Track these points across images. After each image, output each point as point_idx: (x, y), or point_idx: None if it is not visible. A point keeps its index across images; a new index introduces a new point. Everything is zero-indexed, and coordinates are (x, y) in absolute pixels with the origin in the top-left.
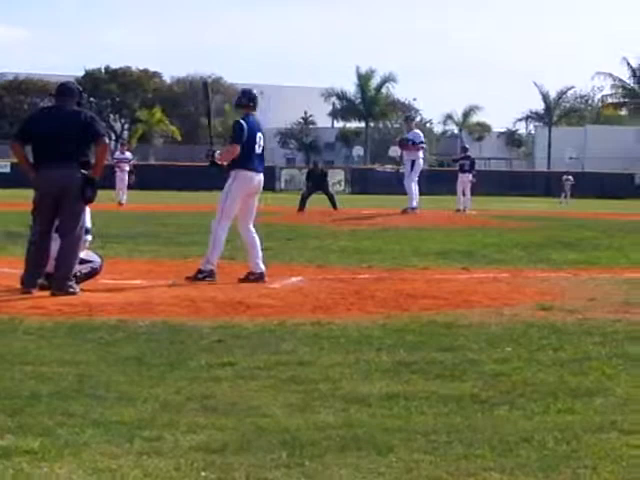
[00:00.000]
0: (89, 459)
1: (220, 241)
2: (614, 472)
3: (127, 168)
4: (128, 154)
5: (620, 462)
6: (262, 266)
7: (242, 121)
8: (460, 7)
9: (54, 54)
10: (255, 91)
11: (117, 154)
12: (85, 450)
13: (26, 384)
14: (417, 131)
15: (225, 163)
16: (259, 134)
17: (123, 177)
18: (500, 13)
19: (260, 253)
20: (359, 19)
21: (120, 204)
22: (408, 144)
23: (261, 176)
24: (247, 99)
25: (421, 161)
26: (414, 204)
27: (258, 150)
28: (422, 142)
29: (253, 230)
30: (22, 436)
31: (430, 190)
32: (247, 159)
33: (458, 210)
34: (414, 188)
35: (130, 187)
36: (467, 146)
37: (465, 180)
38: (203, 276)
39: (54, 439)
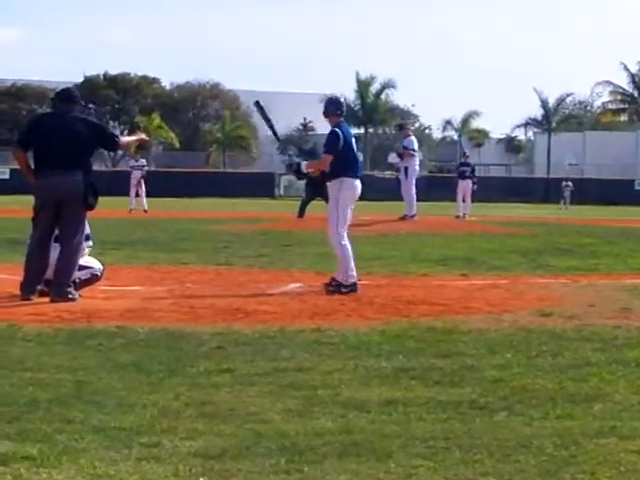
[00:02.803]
0: (88, 465)
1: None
2: (613, 477)
3: (142, 175)
4: (143, 161)
5: (619, 467)
6: (355, 275)
7: (338, 130)
8: (460, 14)
9: (52, 60)
10: (342, 99)
11: (132, 162)
12: (84, 456)
13: (25, 390)
14: (412, 138)
15: (312, 171)
16: (353, 139)
17: (141, 184)
18: (499, 20)
19: (353, 263)
20: (358, 25)
21: (143, 210)
22: (405, 151)
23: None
24: (336, 107)
25: (417, 167)
26: (413, 211)
27: (356, 156)
28: (413, 149)
29: (345, 239)
30: (21, 442)
31: (429, 196)
32: (350, 166)
33: (458, 216)
34: (413, 195)
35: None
36: (467, 153)
37: (465, 186)
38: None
39: (53, 445)
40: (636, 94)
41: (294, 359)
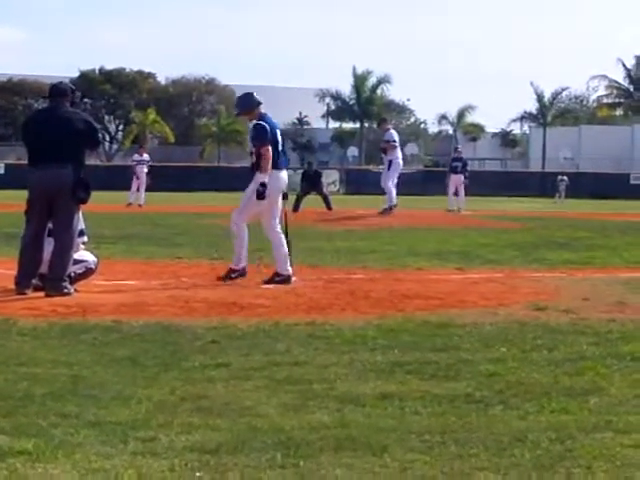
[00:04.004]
0: (83, 459)
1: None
2: (608, 472)
3: (145, 170)
4: (146, 156)
5: (614, 462)
6: (289, 268)
7: (263, 122)
8: (456, 8)
9: (48, 55)
10: (255, 93)
11: (136, 156)
12: (79, 451)
13: (20, 385)
14: (392, 131)
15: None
16: (278, 130)
17: (141, 179)
18: (495, 14)
19: (287, 253)
20: (354, 20)
21: (137, 205)
22: (387, 144)
23: (286, 173)
24: (250, 102)
25: (400, 161)
26: (394, 202)
27: (280, 148)
28: (394, 141)
29: (279, 230)
30: (16, 437)
31: (425, 190)
32: (275, 158)
33: (450, 210)
34: (392, 187)
35: (148, 188)
36: (459, 147)
37: (457, 180)
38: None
39: (48, 440)
40: (632, 89)
41: (289, 353)
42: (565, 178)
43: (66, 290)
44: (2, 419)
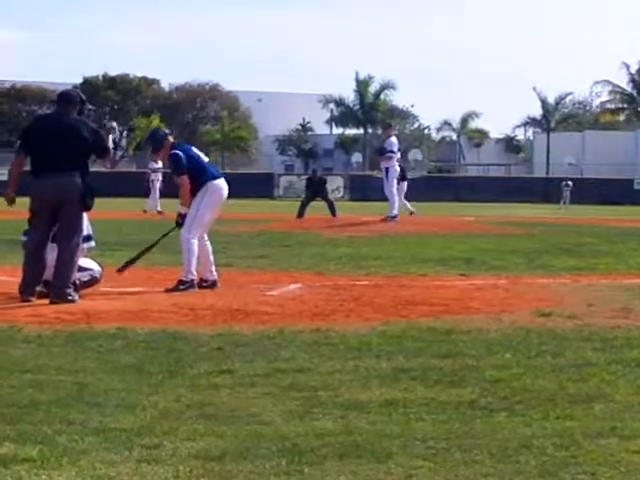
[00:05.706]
0: (88, 467)
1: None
2: (613, 478)
3: (160, 177)
4: (160, 163)
5: (619, 468)
6: (195, 273)
7: (175, 152)
8: (459, 13)
9: (51, 60)
10: (160, 128)
11: (153, 164)
12: (84, 458)
13: (25, 392)
14: (392, 139)
15: (187, 204)
16: (193, 148)
17: (157, 186)
18: (498, 19)
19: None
20: (357, 26)
21: (157, 212)
22: (381, 156)
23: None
24: (160, 137)
25: (397, 168)
26: (394, 212)
27: (206, 159)
28: (392, 151)
29: (196, 240)
30: (21, 444)
31: (428, 196)
32: (206, 172)
33: (412, 213)
34: (394, 196)
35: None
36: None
37: (403, 187)
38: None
39: (53, 447)
40: (635, 94)
41: (294, 360)
42: (570, 183)
43: (70, 297)
44: (7, 426)
